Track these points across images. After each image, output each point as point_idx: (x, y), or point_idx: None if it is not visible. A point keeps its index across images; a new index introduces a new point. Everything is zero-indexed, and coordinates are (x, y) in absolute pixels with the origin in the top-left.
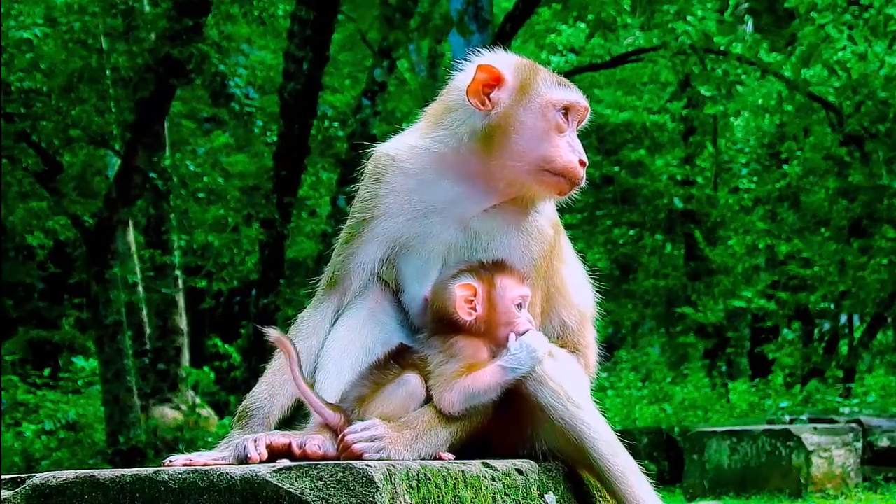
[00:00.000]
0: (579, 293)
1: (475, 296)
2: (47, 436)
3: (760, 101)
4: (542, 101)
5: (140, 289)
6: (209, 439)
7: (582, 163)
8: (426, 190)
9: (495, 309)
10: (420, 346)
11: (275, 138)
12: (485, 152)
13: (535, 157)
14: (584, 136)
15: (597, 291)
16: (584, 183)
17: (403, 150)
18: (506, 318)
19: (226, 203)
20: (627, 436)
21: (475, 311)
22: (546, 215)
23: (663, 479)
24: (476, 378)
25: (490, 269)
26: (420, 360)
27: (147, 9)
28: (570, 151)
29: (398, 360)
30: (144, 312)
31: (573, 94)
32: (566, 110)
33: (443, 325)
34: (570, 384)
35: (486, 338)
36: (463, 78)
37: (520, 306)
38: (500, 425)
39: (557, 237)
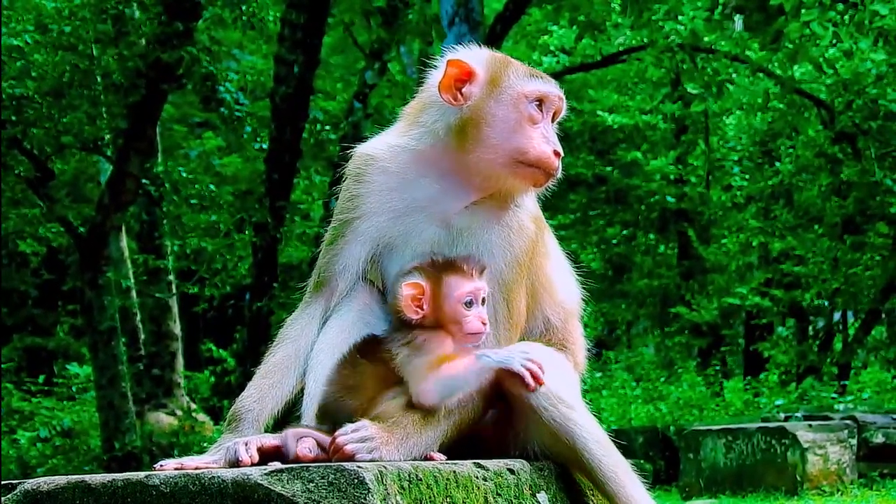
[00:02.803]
0: (564, 289)
1: (422, 294)
2: (42, 443)
3: (746, 99)
4: (513, 93)
5: (134, 294)
6: (205, 444)
7: (556, 153)
8: (407, 188)
9: (441, 308)
10: (386, 340)
11: (265, 144)
12: (460, 147)
13: (508, 148)
14: (576, 135)
15: (590, 291)
16: (559, 174)
17: (383, 149)
18: (453, 317)
19: (218, 209)
20: (623, 435)
21: (422, 309)
22: (527, 210)
23: (659, 479)
24: (449, 367)
25: (440, 267)
26: (387, 354)
27: (137, 14)
28: (543, 142)
29: (366, 355)
30: (138, 318)
31: (545, 85)
32: (539, 101)
33: (401, 321)
34: (560, 384)
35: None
36: (437, 75)
37: (469, 303)
38: (491, 426)
39: (540, 232)
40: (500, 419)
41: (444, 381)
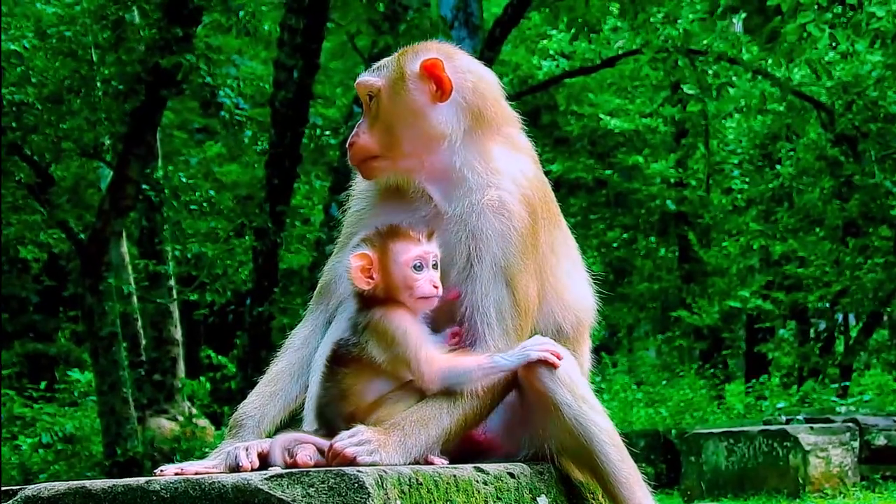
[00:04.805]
0: (576, 295)
1: (371, 265)
2: (44, 449)
3: (744, 101)
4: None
5: (134, 299)
6: (206, 449)
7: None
8: (407, 205)
9: (391, 275)
10: (349, 337)
11: (266, 146)
12: None
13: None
14: (576, 139)
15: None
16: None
17: None
18: (403, 283)
19: (218, 214)
20: (624, 439)
21: (372, 279)
22: (512, 189)
23: (661, 482)
24: (459, 360)
25: (385, 235)
26: (358, 350)
27: (137, 20)
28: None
29: (341, 363)
30: (139, 323)
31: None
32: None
33: (357, 297)
34: (583, 385)
35: (394, 302)
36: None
37: (418, 267)
38: (510, 422)
39: (535, 219)
40: (519, 416)
41: (451, 370)
